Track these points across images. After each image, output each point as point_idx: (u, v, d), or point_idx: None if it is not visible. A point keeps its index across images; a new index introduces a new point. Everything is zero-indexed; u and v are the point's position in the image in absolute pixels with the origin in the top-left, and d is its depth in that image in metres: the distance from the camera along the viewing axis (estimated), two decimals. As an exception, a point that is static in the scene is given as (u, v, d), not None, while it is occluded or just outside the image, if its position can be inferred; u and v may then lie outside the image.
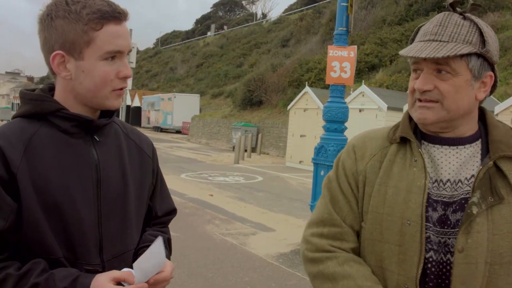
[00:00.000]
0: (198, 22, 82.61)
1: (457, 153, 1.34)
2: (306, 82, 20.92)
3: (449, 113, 1.30)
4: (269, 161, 21.01)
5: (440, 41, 1.28)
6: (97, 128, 1.39)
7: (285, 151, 20.51)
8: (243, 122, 26.05)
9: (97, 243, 1.35)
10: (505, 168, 1.29)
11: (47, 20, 1.31)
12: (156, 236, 1.49)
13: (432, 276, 1.30)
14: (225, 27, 69.43)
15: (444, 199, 1.31)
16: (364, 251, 1.39)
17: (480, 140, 1.36)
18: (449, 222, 1.29)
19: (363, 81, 17.71)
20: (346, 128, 6.50)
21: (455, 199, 1.30)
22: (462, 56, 1.26)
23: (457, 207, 1.30)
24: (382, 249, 1.34)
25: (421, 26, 1.37)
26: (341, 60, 6.21)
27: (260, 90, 28.32)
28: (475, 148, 1.35)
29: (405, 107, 14.67)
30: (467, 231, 1.25)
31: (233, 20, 74.29)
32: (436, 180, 1.33)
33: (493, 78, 1.34)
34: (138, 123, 45.61)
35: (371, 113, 15.69)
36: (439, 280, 1.29)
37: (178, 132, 40.65)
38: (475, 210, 1.26)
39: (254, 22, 64.75)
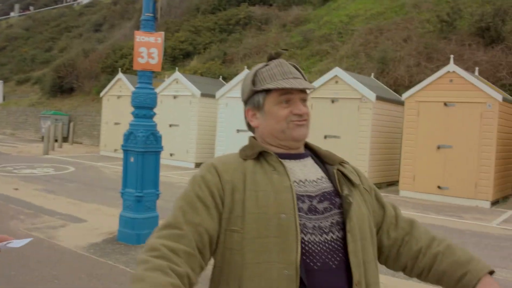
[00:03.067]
0: (-2, 1, 75.07)
1: (302, 163, 1.67)
2: (120, 69, 20.41)
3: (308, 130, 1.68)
4: (82, 150, 20.16)
5: (299, 78, 1.64)
6: None
7: (99, 139, 19.86)
8: (53, 110, 24.62)
9: None
10: (342, 169, 1.69)
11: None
12: None
13: (314, 254, 1.51)
14: (31, 7, 64.14)
15: (309, 194, 1.59)
16: (243, 250, 1.50)
17: (309, 156, 1.72)
18: (317, 210, 1.57)
19: (177, 68, 17.86)
20: (154, 114, 6.53)
21: (317, 193, 1.60)
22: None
23: (321, 198, 1.59)
24: (262, 243, 1.48)
25: (258, 70, 1.66)
26: (148, 46, 6.20)
27: (71, 76, 26.93)
28: (310, 160, 1.71)
29: (218, 94, 15.20)
30: (349, 216, 1.56)
31: (40, 1, 68.92)
32: (294, 181, 1.59)
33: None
34: None
35: (185, 100, 15.93)
36: (323, 256, 1.52)
37: (-23, 122, 36.76)
38: (350, 199, 1.59)
39: (64, 4, 60.86)
